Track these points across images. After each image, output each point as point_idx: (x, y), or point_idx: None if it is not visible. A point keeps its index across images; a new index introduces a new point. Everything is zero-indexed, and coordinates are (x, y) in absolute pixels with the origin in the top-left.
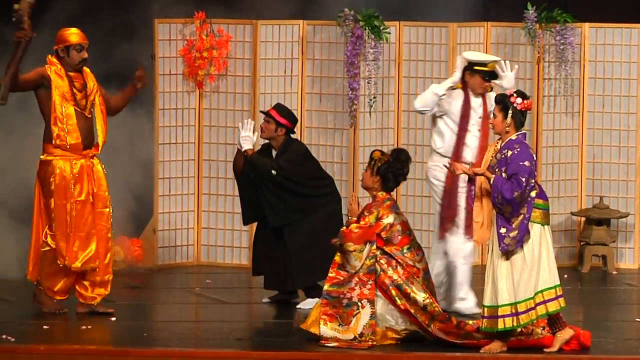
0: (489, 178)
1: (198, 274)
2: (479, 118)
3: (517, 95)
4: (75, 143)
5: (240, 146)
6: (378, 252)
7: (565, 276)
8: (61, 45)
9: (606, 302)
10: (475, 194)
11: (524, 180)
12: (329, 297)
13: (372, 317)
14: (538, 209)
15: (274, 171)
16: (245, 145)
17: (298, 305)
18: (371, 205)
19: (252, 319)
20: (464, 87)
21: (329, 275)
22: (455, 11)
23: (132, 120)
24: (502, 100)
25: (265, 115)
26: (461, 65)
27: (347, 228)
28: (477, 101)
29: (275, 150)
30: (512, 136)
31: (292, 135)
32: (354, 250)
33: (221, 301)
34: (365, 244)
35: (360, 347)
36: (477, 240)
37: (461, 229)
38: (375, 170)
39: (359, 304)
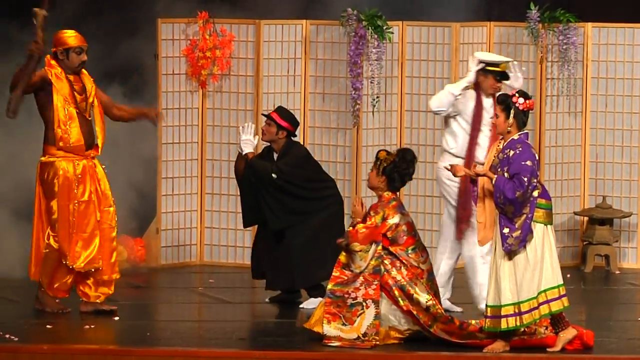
0: (491, 178)
1: (201, 273)
2: (491, 118)
3: (519, 95)
4: (78, 144)
5: (240, 150)
6: (383, 252)
7: (568, 276)
8: (60, 48)
9: (609, 302)
10: (477, 195)
11: (526, 180)
12: (333, 296)
13: (377, 317)
14: (541, 208)
15: (274, 174)
16: (245, 149)
17: (301, 305)
18: (377, 205)
19: (255, 318)
20: (475, 87)
21: (333, 274)
22: (458, 11)
23: None
24: (504, 101)
25: (267, 118)
26: (475, 65)
27: (353, 228)
28: (488, 101)
29: (277, 153)
30: (514, 136)
31: (293, 138)
32: (360, 250)
33: (224, 301)
34: (371, 244)
35: (363, 346)
36: (480, 240)
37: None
38: (381, 170)
39: (364, 303)
